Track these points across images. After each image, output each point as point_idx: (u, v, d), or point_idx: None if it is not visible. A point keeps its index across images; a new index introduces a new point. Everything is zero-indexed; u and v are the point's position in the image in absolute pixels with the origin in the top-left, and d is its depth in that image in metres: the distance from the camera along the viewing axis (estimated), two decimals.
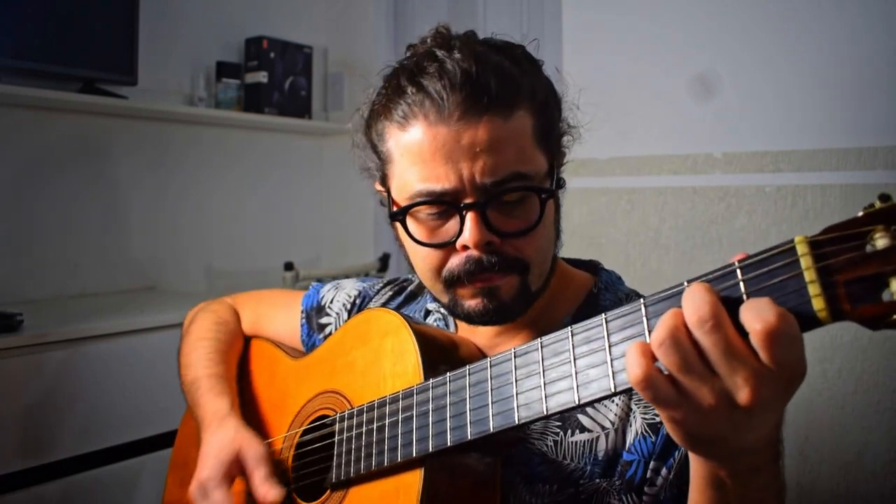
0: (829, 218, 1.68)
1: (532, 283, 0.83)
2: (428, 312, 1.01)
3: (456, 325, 0.95)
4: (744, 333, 0.51)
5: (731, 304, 0.52)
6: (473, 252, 0.79)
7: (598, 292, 0.91)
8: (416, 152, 0.78)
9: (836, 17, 1.69)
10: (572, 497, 0.80)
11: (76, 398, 1.70)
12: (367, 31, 2.88)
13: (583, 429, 0.81)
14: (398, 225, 0.84)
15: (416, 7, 2.86)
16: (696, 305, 0.52)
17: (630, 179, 1.99)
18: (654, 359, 0.53)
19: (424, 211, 0.81)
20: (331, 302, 1.12)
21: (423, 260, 0.84)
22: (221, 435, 0.94)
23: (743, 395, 0.52)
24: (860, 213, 0.50)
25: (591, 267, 0.97)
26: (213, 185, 2.59)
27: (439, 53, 0.79)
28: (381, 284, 1.12)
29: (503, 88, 0.78)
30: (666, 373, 0.53)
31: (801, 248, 0.51)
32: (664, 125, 1.94)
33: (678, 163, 1.91)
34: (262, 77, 2.62)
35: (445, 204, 0.79)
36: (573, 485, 0.80)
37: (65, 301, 2.13)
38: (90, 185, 2.25)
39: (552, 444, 0.81)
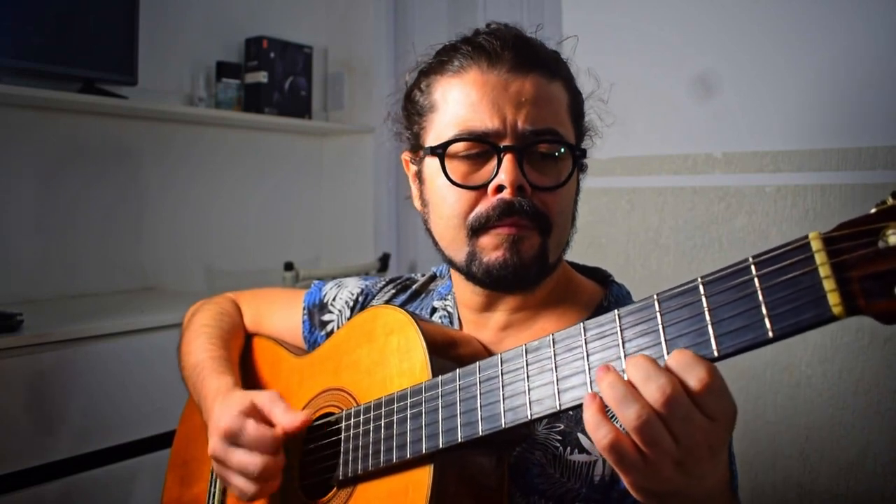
0: (829, 218, 1.70)
1: (550, 249, 0.84)
2: (434, 310, 1.01)
3: (460, 324, 0.95)
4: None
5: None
6: (506, 195, 0.81)
7: (609, 306, 0.91)
8: (465, 97, 0.84)
9: (835, 17, 1.70)
10: None
11: (76, 398, 1.70)
12: (367, 31, 2.87)
13: (582, 449, 0.81)
14: (430, 166, 0.87)
15: (416, 7, 2.86)
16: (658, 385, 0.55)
17: (630, 179, 1.99)
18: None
19: (462, 152, 0.84)
20: (333, 299, 1.12)
21: (451, 206, 0.85)
22: (232, 397, 0.91)
23: (700, 451, 0.56)
24: (873, 211, 0.51)
25: (601, 277, 0.97)
26: (212, 185, 2.59)
27: (492, 25, 0.89)
28: (383, 282, 1.12)
29: (548, 57, 0.88)
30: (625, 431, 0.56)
31: (816, 245, 0.51)
32: (664, 125, 1.95)
33: (678, 163, 1.91)
34: (262, 77, 2.62)
35: (487, 144, 0.83)
36: None
37: (65, 301, 2.13)
38: (90, 185, 2.25)
39: (551, 457, 0.81)
